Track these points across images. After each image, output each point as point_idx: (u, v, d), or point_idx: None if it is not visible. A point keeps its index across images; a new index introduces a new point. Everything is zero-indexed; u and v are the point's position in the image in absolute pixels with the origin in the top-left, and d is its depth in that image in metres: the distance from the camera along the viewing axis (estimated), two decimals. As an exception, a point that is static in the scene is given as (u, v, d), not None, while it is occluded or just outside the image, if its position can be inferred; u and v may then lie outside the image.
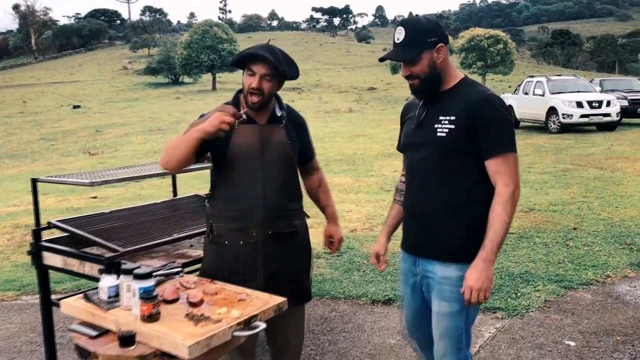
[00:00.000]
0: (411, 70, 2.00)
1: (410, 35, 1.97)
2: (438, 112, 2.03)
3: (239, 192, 2.34)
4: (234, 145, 2.33)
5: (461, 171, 2.00)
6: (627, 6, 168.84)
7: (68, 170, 12.35)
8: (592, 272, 4.58)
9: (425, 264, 2.10)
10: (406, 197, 2.18)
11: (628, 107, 17.22)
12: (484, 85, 2.16)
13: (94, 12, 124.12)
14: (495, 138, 1.94)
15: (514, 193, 1.94)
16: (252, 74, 2.30)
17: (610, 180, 8.52)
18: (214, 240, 2.38)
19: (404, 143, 2.19)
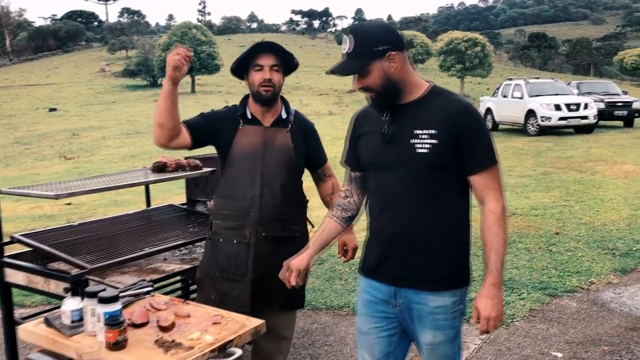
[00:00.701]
0: (362, 83, 1.82)
1: (357, 45, 1.79)
2: (411, 125, 1.82)
3: (237, 191, 2.38)
4: (237, 144, 2.36)
5: (445, 190, 1.85)
6: (601, 10, 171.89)
7: (42, 176, 12.04)
8: (576, 279, 4.53)
9: (411, 294, 1.88)
10: (379, 224, 1.92)
11: (605, 109, 17.40)
12: (454, 92, 1.98)
13: (71, 14, 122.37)
14: (482, 151, 1.82)
15: (504, 207, 1.84)
16: (260, 68, 2.34)
17: (590, 184, 8.54)
18: (212, 237, 2.45)
19: (369, 161, 1.93)
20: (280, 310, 2.49)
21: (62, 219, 7.39)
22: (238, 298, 2.36)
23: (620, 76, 58.68)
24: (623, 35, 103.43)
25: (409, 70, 1.85)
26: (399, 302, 1.90)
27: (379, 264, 1.92)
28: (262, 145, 2.38)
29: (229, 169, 2.40)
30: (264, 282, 2.37)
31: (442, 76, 49.81)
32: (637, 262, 4.93)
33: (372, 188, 1.95)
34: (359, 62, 1.78)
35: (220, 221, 2.41)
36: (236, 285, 2.35)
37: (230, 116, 2.44)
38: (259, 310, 2.37)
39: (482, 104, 19.59)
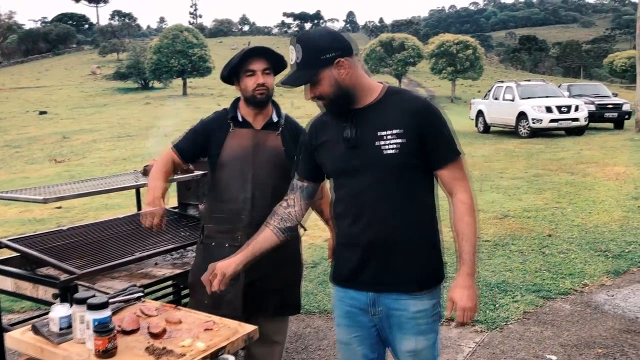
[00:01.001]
0: (314, 92, 1.79)
1: (304, 55, 1.75)
2: (374, 127, 1.79)
3: (228, 194, 2.37)
4: (227, 148, 2.36)
5: (417, 188, 1.84)
6: (590, 13, 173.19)
7: (32, 179, 11.93)
8: (569, 281, 4.53)
9: (390, 301, 1.84)
10: (353, 233, 1.85)
11: (595, 111, 17.51)
12: (410, 89, 1.97)
13: (61, 16, 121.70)
14: (446, 145, 1.82)
15: (473, 196, 1.86)
16: (252, 73, 2.35)
17: (582, 186, 8.57)
18: (203, 240, 2.44)
19: (335, 169, 1.87)
20: (274, 315, 2.46)
21: (52, 223, 7.31)
22: (232, 302, 2.33)
23: (610, 78, 59.15)
24: (612, 38, 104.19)
25: (360, 74, 1.82)
26: (378, 309, 1.87)
27: (357, 273, 1.87)
28: (252, 148, 2.37)
29: (219, 172, 2.40)
30: (257, 285, 2.36)
31: (434, 79, 49.99)
32: (629, 263, 4.94)
33: (340, 196, 1.89)
34: (308, 72, 1.75)
35: (212, 224, 2.40)
36: (229, 288, 2.32)
37: (220, 121, 2.44)
38: (252, 314, 2.34)
39: (473, 107, 19.66)
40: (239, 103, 2.47)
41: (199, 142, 2.43)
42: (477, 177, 9.76)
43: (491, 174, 10.04)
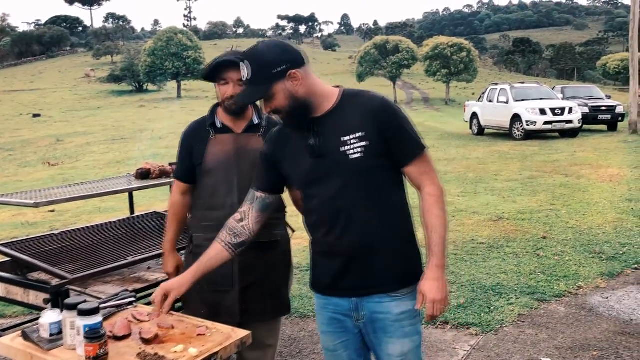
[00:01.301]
0: (270, 106, 1.77)
1: (255, 71, 1.73)
2: (336, 133, 1.77)
3: (215, 201, 2.35)
4: (210, 154, 2.34)
5: (387, 188, 1.82)
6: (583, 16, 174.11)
7: (25, 182, 11.87)
8: (564, 283, 4.53)
9: (373, 305, 1.83)
10: (329, 242, 1.83)
11: (589, 113, 17.59)
12: (367, 90, 1.93)
13: (55, 19, 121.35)
14: (410, 141, 1.81)
15: (442, 188, 1.84)
16: (226, 82, 2.31)
17: (576, 187, 8.59)
18: (193, 250, 2.38)
19: (302, 180, 1.85)
20: (272, 318, 2.45)
21: (45, 227, 7.27)
22: (229, 309, 2.31)
23: (604, 81, 59.44)
24: (605, 40, 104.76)
25: (314, 83, 1.79)
26: (362, 314, 1.86)
27: (338, 280, 1.85)
28: (235, 152, 2.35)
29: (204, 180, 2.37)
30: (252, 290, 2.35)
31: (428, 81, 50.10)
32: (624, 265, 4.94)
33: (312, 207, 1.86)
34: (261, 87, 1.74)
35: (201, 233, 2.37)
36: (226, 296, 2.30)
37: (199, 129, 2.41)
38: (250, 319, 2.33)
39: (467, 109, 19.71)
40: (218, 109, 2.44)
41: (188, 158, 2.41)
42: (471, 179, 9.78)
43: (485, 176, 10.05)
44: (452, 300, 4.24)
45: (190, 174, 2.42)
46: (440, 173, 11.01)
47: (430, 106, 38.61)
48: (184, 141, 2.43)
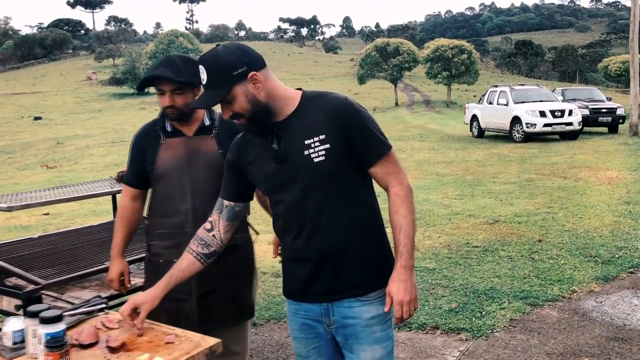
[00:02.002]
0: (231, 110, 1.70)
1: (212, 75, 1.67)
2: (298, 137, 1.72)
3: (169, 208, 2.29)
4: (160, 160, 2.27)
5: (353, 191, 1.78)
6: (585, 18, 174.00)
7: (22, 185, 11.84)
8: (557, 288, 4.46)
9: (343, 310, 1.79)
10: (297, 247, 1.79)
11: (589, 116, 17.53)
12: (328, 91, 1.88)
13: (58, 22, 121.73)
14: (375, 141, 1.76)
15: (409, 187, 1.79)
16: (162, 92, 2.25)
17: (574, 190, 8.52)
18: (151, 259, 2.34)
19: (268, 186, 1.81)
20: (233, 324, 2.39)
21: (39, 230, 7.23)
22: (188, 317, 2.26)
23: (606, 83, 59.32)
24: (608, 42, 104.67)
25: (275, 85, 1.74)
26: (332, 319, 1.82)
27: (308, 285, 1.81)
28: (186, 156, 2.28)
29: (157, 186, 2.31)
30: (212, 296, 2.29)
31: (429, 83, 50.02)
32: (619, 269, 4.88)
33: (279, 212, 1.82)
34: (220, 90, 1.67)
35: (157, 241, 2.31)
36: (184, 304, 2.25)
37: (149, 133, 2.35)
38: (211, 326, 2.28)
39: (467, 111, 19.65)
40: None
41: (139, 162, 2.34)
42: (469, 181, 9.72)
43: (484, 178, 10.00)
44: (444, 304, 4.19)
45: (142, 179, 2.35)
46: (438, 175, 10.94)
47: (432, 108, 38.54)
48: (135, 145, 2.36)
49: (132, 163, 2.37)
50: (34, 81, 66.15)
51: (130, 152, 2.39)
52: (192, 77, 2.20)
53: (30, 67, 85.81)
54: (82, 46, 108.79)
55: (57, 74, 72.62)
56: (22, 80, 68.07)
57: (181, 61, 2.23)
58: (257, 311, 4.17)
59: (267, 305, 4.29)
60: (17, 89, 58.42)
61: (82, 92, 53.18)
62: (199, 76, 1.95)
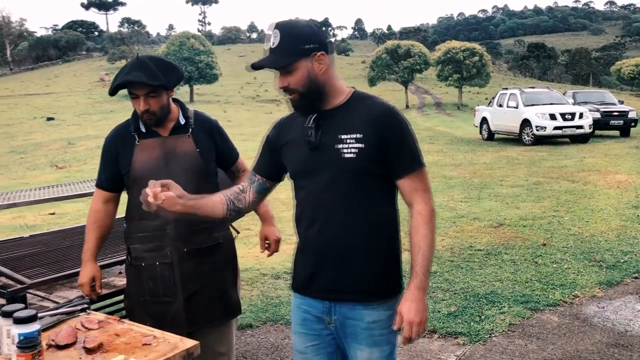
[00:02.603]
0: (286, 81, 1.73)
1: (284, 40, 1.68)
2: (336, 130, 1.75)
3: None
4: (137, 162, 2.22)
5: (374, 196, 1.78)
6: (600, 20, 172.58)
7: (31, 185, 11.92)
8: (559, 292, 4.40)
9: (345, 310, 1.79)
10: (308, 237, 1.82)
11: (600, 119, 17.33)
12: (377, 96, 1.90)
13: (72, 24, 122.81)
14: (408, 154, 1.76)
15: (433, 209, 1.78)
16: (136, 96, 2.20)
17: (582, 194, 8.42)
18: (132, 262, 2.29)
19: (296, 170, 1.83)
20: (221, 323, 2.36)
21: (44, 229, 7.26)
22: (174, 319, 2.23)
23: (620, 86, 58.77)
24: (622, 45, 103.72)
25: (333, 74, 1.78)
26: (334, 318, 1.82)
27: (310, 279, 1.82)
28: (163, 157, 2.23)
29: (134, 189, 2.23)
30: (197, 297, 2.26)
31: (441, 86, 49.85)
32: (623, 274, 4.80)
33: (300, 199, 1.84)
34: (286, 58, 1.69)
35: (137, 245, 2.26)
36: (169, 307, 2.22)
37: (123, 135, 2.29)
38: (198, 327, 2.25)
39: (477, 114, 19.53)
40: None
41: (113, 165, 2.28)
42: (476, 184, 9.65)
43: (491, 181, 9.91)
44: (443, 308, 4.14)
45: (115, 182, 2.30)
46: (445, 178, 10.86)
47: (442, 111, 38.38)
48: (108, 148, 2.30)
49: (104, 166, 2.32)
50: (47, 82, 66.73)
51: (102, 155, 2.33)
52: (166, 80, 2.17)
53: (45, 68, 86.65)
54: (96, 47, 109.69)
55: (70, 75, 73.24)
56: (36, 81, 68.72)
57: (153, 63, 2.18)
58: (254, 313, 4.16)
59: (265, 307, 4.27)
60: (31, 89, 58.97)
61: (95, 93, 53.54)
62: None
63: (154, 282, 2.24)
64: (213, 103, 43.86)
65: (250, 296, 4.53)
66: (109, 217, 2.34)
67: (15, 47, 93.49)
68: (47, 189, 2.81)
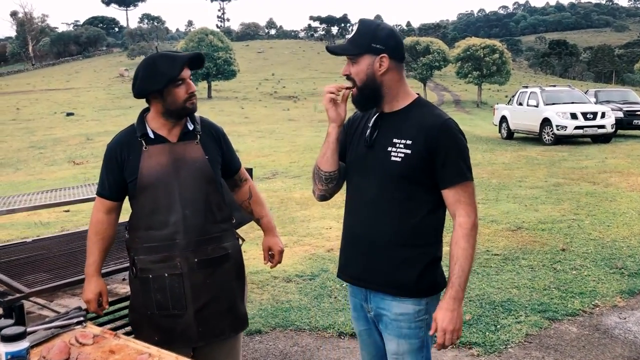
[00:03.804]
0: (350, 70, 1.87)
1: (359, 34, 1.85)
2: (391, 133, 1.86)
3: (156, 219, 2.13)
4: (144, 169, 2.11)
5: (413, 200, 1.86)
6: (623, 17, 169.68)
7: (48, 181, 12.01)
8: (579, 301, 4.25)
9: (378, 300, 1.92)
10: (348, 225, 1.99)
11: (623, 118, 16.94)
12: (438, 107, 1.98)
13: (92, 20, 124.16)
14: (455, 166, 1.83)
15: (476, 223, 1.85)
16: (182, 81, 2.14)
17: (603, 196, 8.21)
18: (138, 274, 2.18)
19: (352, 162, 1.97)
20: (230, 335, 2.27)
21: (57, 227, 7.28)
22: (185, 333, 2.14)
23: (643, 84, 57.63)
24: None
25: (398, 79, 1.88)
26: (370, 306, 1.96)
27: (345, 264, 1.99)
28: (172, 164, 2.13)
29: (141, 198, 2.13)
30: (207, 310, 2.16)
31: (460, 83, 49.41)
32: (646, 283, 4.63)
33: (349, 191, 1.99)
34: (355, 47, 1.84)
35: (144, 256, 2.14)
36: (179, 320, 2.13)
37: (128, 141, 2.18)
38: (207, 340, 2.17)
39: (497, 112, 19.25)
40: (147, 116, 2.21)
41: (117, 173, 2.17)
42: (494, 185, 9.47)
43: (510, 182, 9.72)
44: (457, 316, 4.02)
45: (120, 191, 2.19)
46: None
47: (461, 108, 38.02)
48: (112, 155, 2.18)
49: (107, 174, 2.21)
50: (68, 77, 67.50)
51: (104, 163, 2.22)
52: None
53: (65, 64, 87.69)
54: (116, 43, 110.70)
55: (90, 71, 74.00)
56: (57, 76, 69.56)
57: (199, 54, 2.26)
58: (264, 318, 4.08)
59: (274, 312, 4.18)
60: (52, 85, 59.69)
61: (114, 88, 54.02)
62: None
63: (163, 295, 2.13)
64: (231, 99, 43.97)
65: (260, 300, 4.45)
66: (112, 227, 2.24)
67: (37, 43, 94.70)
68: (50, 193, 2.76)
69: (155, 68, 2.10)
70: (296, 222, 7.11)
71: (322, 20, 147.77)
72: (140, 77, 2.13)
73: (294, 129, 24.46)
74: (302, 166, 12.55)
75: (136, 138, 2.16)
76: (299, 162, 13.27)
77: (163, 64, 2.11)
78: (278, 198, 8.76)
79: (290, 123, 28.58)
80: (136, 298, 2.23)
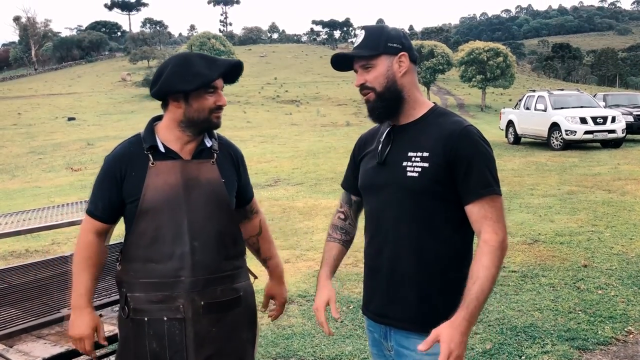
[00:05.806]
0: (365, 78, 1.68)
1: (369, 38, 1.68)
2: (406, 147, 1.67)
3: (158, 250, 1.75)
4: (149, 188, 1.75)
5: (437, 219, 1.65)
6: (627, 20, 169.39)
7: (43, 189, 11.68)
8: (610, 327, 3.87)
9: (401, 337, 1.71)
10: (368, 254, 1.79)
11: (633, 122, 16.57)
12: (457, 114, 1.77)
13: (95, 24, 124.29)
14: (479, 178, 1.61)
15: (504, 242, 1.60)
16: (214, 90, 1.81)
17: (621, 206, 7.82)
18: (131, 315, 1.79)
19: (363, 184, 1.80)
20: None
21: (48, 240, 6.94)
22: None
23: (648, 87, 57.32)
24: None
25: (415, 83, 1.73)
26: (390, 345, 1.76)
27: (369, 300, 1.80)
28: (183, 185, 1.77)
29: (142, 223, 1.76)
30: None
31: (464, 86, 49.07)
32: (680, 305, 4.25)
33: (366, 214, 1.81)
34: (369, 50, 1.67)
35: (140, 293, 1.77)
36: None
37: (133, 154, 1.81)
38: None
39: (503, 116, 18.90)
40: (157, 126, 1.85)
41: (115, 192, 1.79)
42: (505, 193, 9.04)
43: (521, 190, 9.35)
44: (477, 344, 3.65)
45: (114, 211, 1.81)
46: (471, 187, 10.31)
47: (465, 112, 37.64)
48: (111, 170, 1.80)
49: (102, 191, 1.82)
50: (70, 82, 67.38)
51: (100, 178, 1.84)
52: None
53: (68, 69, 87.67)
54: (118, 48, 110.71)
55: (93, 75, 73.87)
56: (59, 81, 69.44)
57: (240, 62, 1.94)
58: (264, 347, 3.72)
59: (275, 340, 3.81)
60: (54, 89, 59.56)
61: (116, 93, 53.82)
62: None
63: (159, 343, 1.76)
64: (233, 104, 43.67)
65: (260, 325, 4.08)
66: (103, 253, 1.87)
67: (40, 48, 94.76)
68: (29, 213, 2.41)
69: (190, 66, 1.76)
70: (299, 234, 6.75)
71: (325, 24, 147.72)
72: (167, 73, 1.76)
73: (296, 133, 24.14)
74: (305, 172, 12.20)
75: (142, 150, 1.79)
76: (302, 169, 12.92)
77: (199, 63, 1.77)
78: (280, 207, 8.40)
79: (293, 127, 28.28)
80: (126, 344, 1.84)
